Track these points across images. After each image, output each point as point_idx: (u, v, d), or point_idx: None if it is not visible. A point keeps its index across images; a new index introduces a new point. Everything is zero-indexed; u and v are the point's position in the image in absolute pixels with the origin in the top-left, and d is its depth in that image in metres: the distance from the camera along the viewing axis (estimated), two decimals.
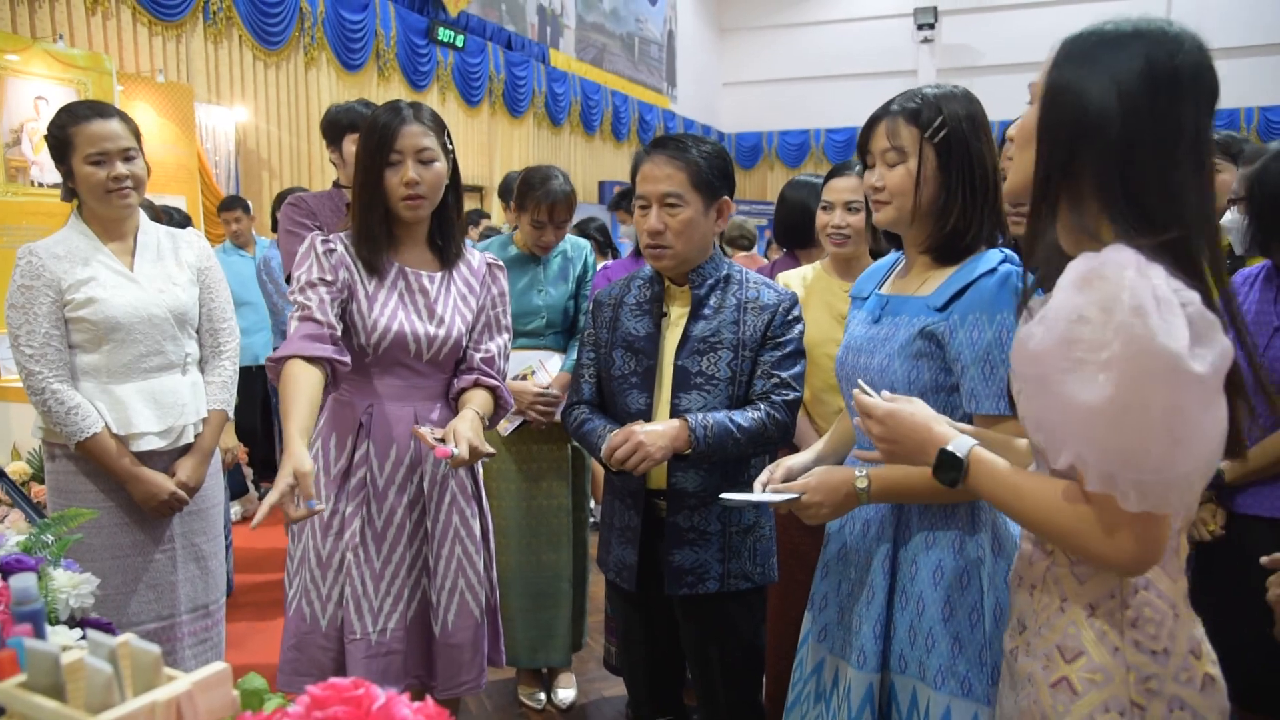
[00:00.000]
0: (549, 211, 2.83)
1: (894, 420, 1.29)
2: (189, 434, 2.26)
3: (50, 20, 5.00)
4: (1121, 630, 1.12)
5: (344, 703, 0.76)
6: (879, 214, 1.62)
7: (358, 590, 1.91)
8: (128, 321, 2.16)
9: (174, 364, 2.25)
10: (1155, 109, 1.08)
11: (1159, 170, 1.08)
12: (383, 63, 7.70)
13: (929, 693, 1.53)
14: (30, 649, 0.83)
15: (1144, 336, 0.97)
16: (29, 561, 1.43)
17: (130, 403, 2.18)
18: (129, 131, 2.20)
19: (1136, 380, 0.97)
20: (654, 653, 2.14)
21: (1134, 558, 1.05)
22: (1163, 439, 0.98)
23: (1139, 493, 1.00)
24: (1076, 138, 1.11)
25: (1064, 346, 1.03)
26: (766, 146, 14.50)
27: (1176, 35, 1.11)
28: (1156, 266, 1.02)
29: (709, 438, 1.86)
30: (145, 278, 2.22)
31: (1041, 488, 1.12)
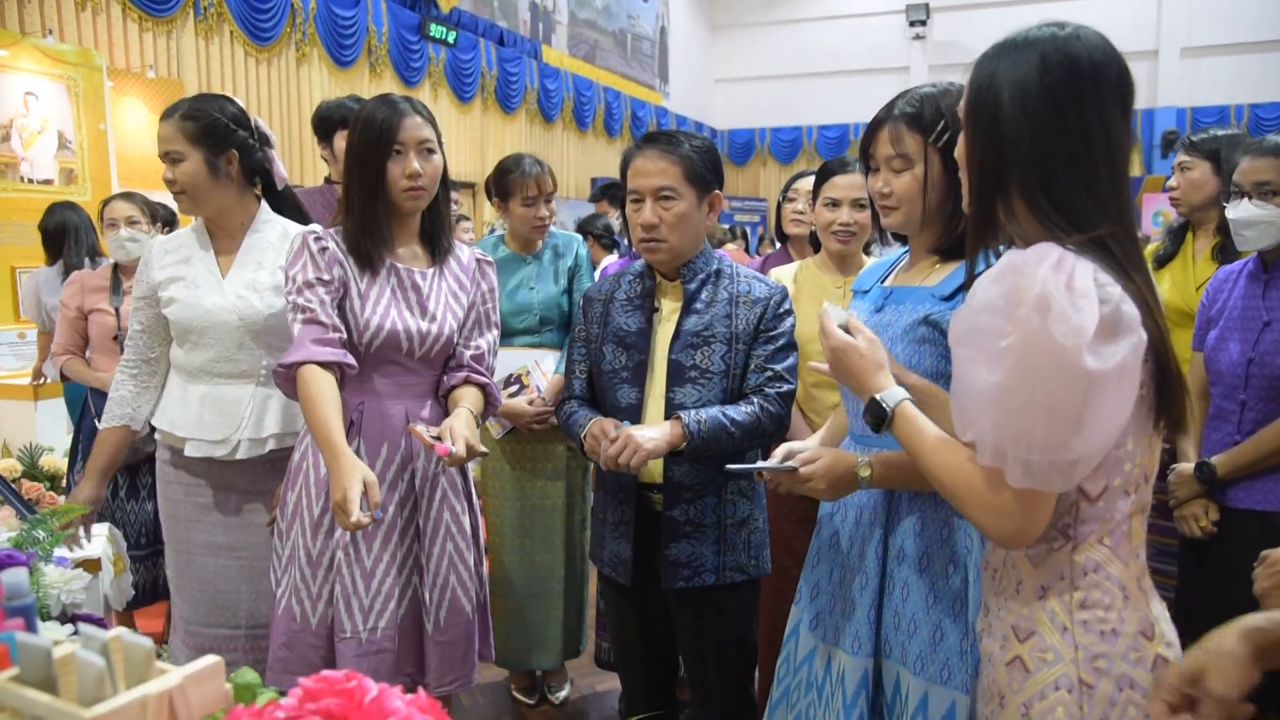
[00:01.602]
0: (536, 184, 2.87)
1: (844, 356, 1.39)
2: (246, 448, 2.10)
3: (39, 15, 4.97)
4: (1071, 611, 1.17)
5: (336, 695, 0.76)
6: (888, 219, 1.63)
7: (348, 588, 1.91)
8: (199, 325, 2.10)
9: (246, 374, 2.13)
10: (1060, 113, 1.13)
11: (1079, 173, 1.14)
12: (374, 59, 7.68)
13: (909, 678, 1.55)
14: (22, 643, 0.83)
15: (1040, 330, 1.05)
16: (20, 557, 1.42)
17: (195, 406, 2.12)
18: (179, 131, 2.08)
19: (1027, 370, 1.06)
20: (648, 647, 2.15)
21: (1014, 530, 1.14)
22: (1050, 424, 1.06)
23: (1024, 470, 1.08)
24: (997, 158, 1.17)
25: (973, 333, 1.12)
26: (759, 143, 14.51)
27: (1069, 37, 1.15)
28: (1084, 261, 1.08)
29: (703, 432, 1.87)
30: (231, 283, 2.14)
31: (947, 452, 1.21)
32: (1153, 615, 1.19)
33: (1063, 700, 1.15)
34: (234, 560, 2.17)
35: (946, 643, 1.52)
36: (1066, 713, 1.15)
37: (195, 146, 2.07)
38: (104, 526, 2.44)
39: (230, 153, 2.11)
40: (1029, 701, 1.18)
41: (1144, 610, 1.18)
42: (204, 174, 2.09)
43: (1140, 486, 1.18)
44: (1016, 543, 1.16)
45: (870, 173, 1.65)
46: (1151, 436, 1.17)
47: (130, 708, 0.78)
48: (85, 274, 3.22)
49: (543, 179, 2.89)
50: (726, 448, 1.90)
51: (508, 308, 2.85)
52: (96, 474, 2.17)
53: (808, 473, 1.57)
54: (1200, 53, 12.40)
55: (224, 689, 0.87)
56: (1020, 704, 1.18)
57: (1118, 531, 1.17)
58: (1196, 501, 2.21)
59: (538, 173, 2.88)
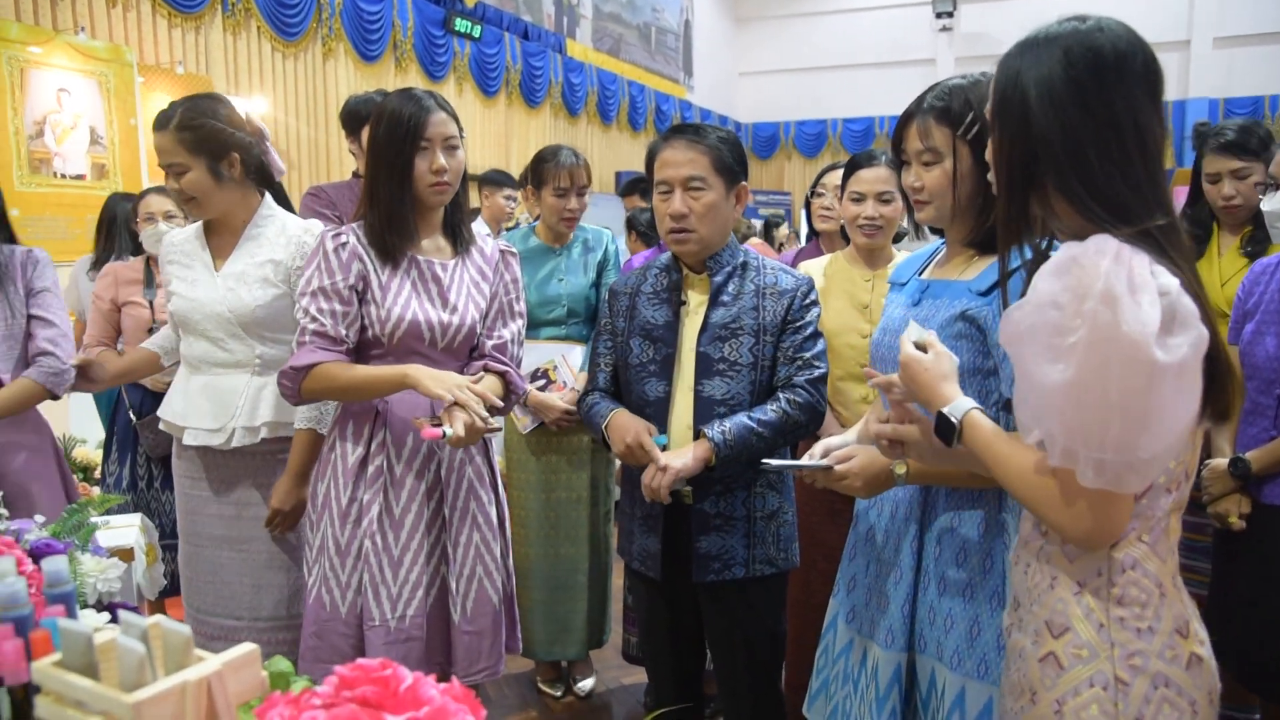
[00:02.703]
0: (569, 176, 2.88)
1: (908, 371, 1.37)
2: (239, 436, 2.13)
3: (72, 13, 5.03)
4: (1108, 607, 1.16)
5: (372, 683, 0.77)
6: (920, 213, 1.63)
7: (376, 577, 1.93)
8: (193, 317, 2.16)
9: (241, 364, 2.17)
10: (1087, 105, 1.13)
11: (1113, 163, 1.13)
12: (400, 53, 7.71)
13: (946, 673, 1.54)
14: (64, 629, 0.85)
15: (1110, 324, 1.03)
16: (58, 546, 1.44)
17: (194, 395, 2.18)
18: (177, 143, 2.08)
19: (1099, 365, 1.03)
20: (676, 640, 2.15)
21: (1089, 532, 1.12)
22: (1123, 422, 1.03)
23: (1097, 471, 1.06)
24: (1028, 156, 1.16)
25: (1038, 329, 1.09)
26: (783, 137, 14.44)
27: (1091, 29, 1.15)
28: (1140, 254, 1.07)
29: (730, 442, 1.89)
30: (225, 275, 2.18)
31: (1019, 456, 1.19)
32: (1188, 613, 1.18)
33: (1097, 697, 1.14)
34: (235, 552, 2.19)
35: (983, 638, 1.51)
36: (1101, 710, 1.14)
37: (196, 156, 2.08)
38: (136, 516, 2.48)
39: (231, 155, 2.12)
40: (1062, 698, 1.17)
41: (1179, 607, 1.17)
42: (209, 181, 2.10)
43: (1181, 484, 1.17)
44: (1096, 545, 1.14)
45: (902, 167, 1.65)
46: (1195, 433, 1.16)
47: (170, 694, 0.80)
48: (119, 266, 3.26)
49: (576, 171, 2.90)
50: (759, 450, 1.90)
51: (536, 299, 2.86)
52: None
53: (843, 470, 1.57)
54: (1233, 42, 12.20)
55: (260, 676, 0.88)
56: (1053, 700, 1.17)
57: (1157, 528, 1.16)
58: (1230, 497, 2.18)
59: (572, 164, 2.89)
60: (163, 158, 2.09)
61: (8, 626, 0.92)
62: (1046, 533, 1.23)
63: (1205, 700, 1.16)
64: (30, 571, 1.22)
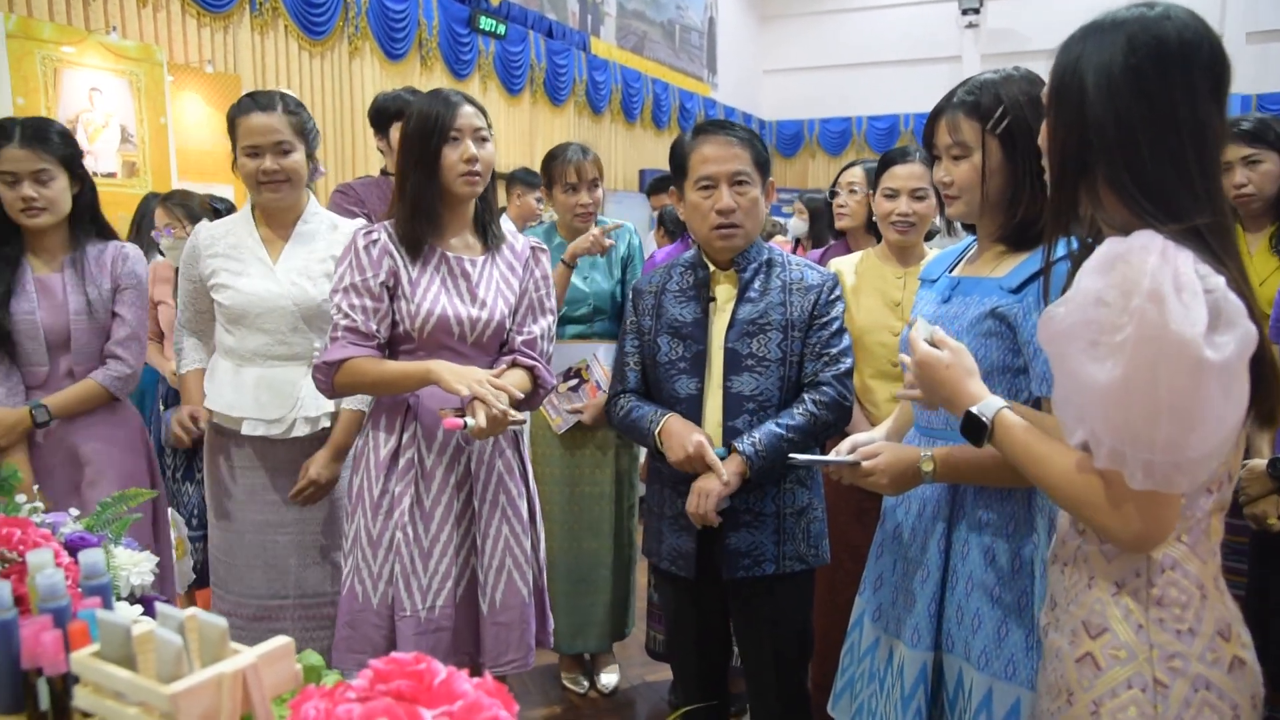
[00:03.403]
0: (576, 171, 2.89)
1: (927, 370, 1.33)
2: (299, 427, 2.24)
3: (103, 13, 5.08)
4: (1146, 608, 1.14)
5: (406, 677, 0.77)
6: (950, 208, 1.63)
7: (406, 568, 1.95)
8: (253, 310, 2.21)
9: (299, 356, 2.25)
10: (1145, 95, 1.10)
11: (1166, 157, 1.10)
12: (425, 52, 7.73)
13: (973, 673, 1.53)
14: (103, 620, 0.86)
15: (1158, 322, 1.00)
16: (92, 539, 1.46)
17: (248, 387, 2.23)
18: (289, 125, 2.20)
19: (1148, 364, 1.01)
20: (703, 639, 2.15)
21: (1138, 535, 1.09)
22: (1172, 422, 1.01)
23: (1145, 472, 1.04)
24: (1081, 143, 1.14)
25: (1082, 327, 1.07)
26: (808, 134, 14.36)
27: (1158, 17, 1.11)
28: (1184, 251, 1.04)
29: (762, 453, 1.90)
30: (283, 269, 2.25)
31: (1059, 457, 1.16)
32: (1230, 615, 1.16)
33: (1136, 699, 1.12)
34: (284, 535, 2.28)
35: (1011, 638, 1.50)
36: (1139, 712, 1.12)
37: (299, 140, 2.21)
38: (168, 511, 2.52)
39: (314, 149, 2.28)
40: (1099, 699, 1.15)
41: (1221, 610, 1.15)
42: (304, 166, 2.24)
43: (1223, 484, 1.15)
44: (1145, 547, 1.12)
45: (934, 162, 1.64)
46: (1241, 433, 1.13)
47: (206, 685, 0.80)
48: (156, 264, 3.31)
49: (583, 166, 2.90)
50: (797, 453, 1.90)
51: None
52: None
53: (870, 466, 1.56)
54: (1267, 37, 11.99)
55: (294, 669, 0.89)
56: (1090, 701, 1.16)
57: (1197, 529, 1.14)
58: (1268, 498, 2.15)
59: (578, 160, 2.90)
60: (268, 135, 2.18)
61: (46, 618, 0.93)
62: (1084, 532, 1.21)
63: (1248, 704, 1.14)
64: (67, 564, 1.23)
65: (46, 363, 2.27)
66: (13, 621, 0.96)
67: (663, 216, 4.49)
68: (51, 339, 2.26)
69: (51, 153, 2.21)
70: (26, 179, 2.18)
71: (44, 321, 2.24)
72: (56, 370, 2.29)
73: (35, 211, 2.20)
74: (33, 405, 2.22)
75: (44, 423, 2.23)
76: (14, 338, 2.21)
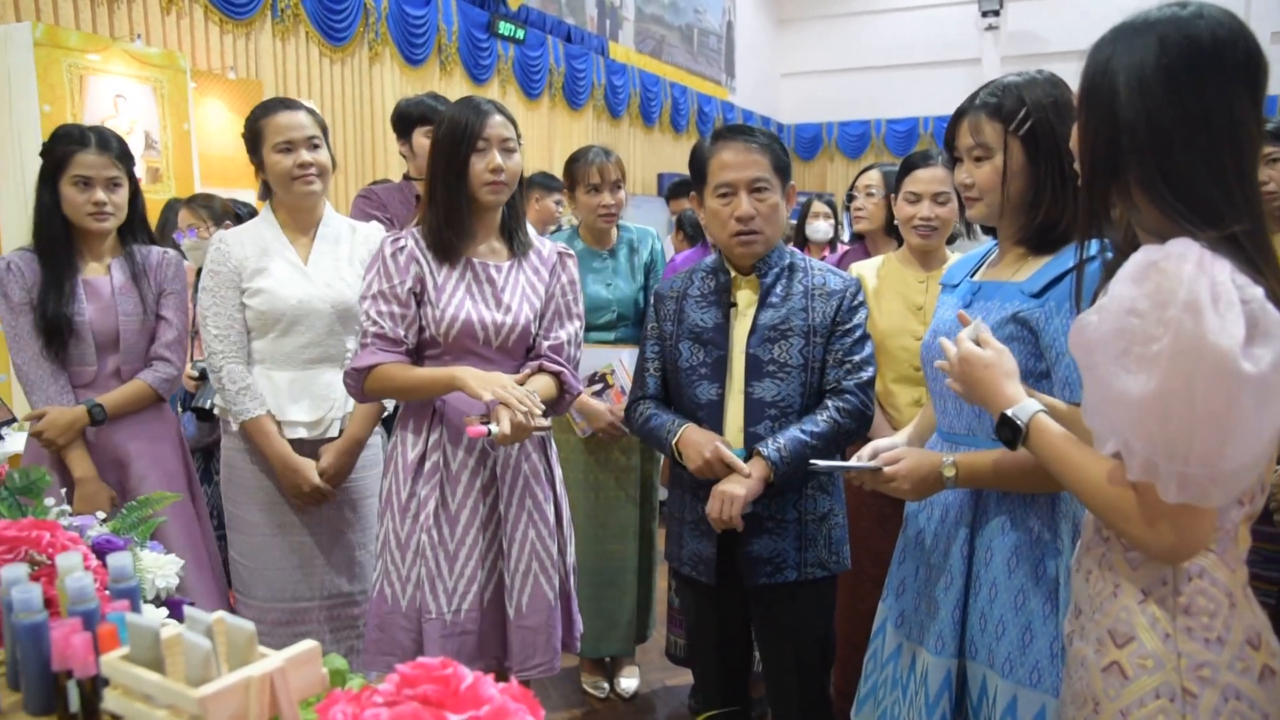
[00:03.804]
0: (599, 172, 2.91)
1: (968, 366, 1.33)
2: (335, 427, 2.30)
3: (128, 20, 5.14)
4: (1174, 617, 1.12)
5: (433, 682, 0.77)
6: (971, 210, 1.62)
7: (433, 571, 1.97)
8: (291, 313, 2.24)
9: (333, 358, 2.30)
10: (1178, 95, 1.07)
11: (1199, 158, 1.07)
12: (444, 57, 7.77)
13: (997, 680, 1.52)
14: (132, 624, 0.86)
15: (1194, 333, 0.98)
16: (118, 542, 1.47)
17: (286, 391, 2.26)
18: (314, 123, 2.29)
19: (1184, 376, 0.99)
20: (724, 644, 2.14)
21: (1171, 547, 1.08)
22: (1208, 435, 0.99)
23: (1179, 485, 1.02)
24: (1112, 145, 1.12)
25: (1116, 337, 1.05)
26: (826, 138, 14.33)
27: (1191, 16, 1.09)
28: (1221, 260, 1.02)
29: (786, 458, 1.89)
30: (316, 271, 2.29)
31: (1092, 465, 1.14)
32: (1259, 623, 1.14)
33: (1164, 709, 1.11)
34: (309, 536, 2.30)
35: (1036, 645, 1.49)
36: None
37: (324, 138, 2.29)
38: None
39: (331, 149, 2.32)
40: (1127, 709, 1.14)
41: (1250, 618, 1.13)
42: (330, 162, 2.30)
43: (1255, 496, 1.13)
44: (1178, 559, 1.10)
45: (955, 165, 1.63)
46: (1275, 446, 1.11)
47: (235, 689, 0.81)
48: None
49: (605, 167, 2.92)
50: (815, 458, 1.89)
51: (585, 304, 2.86)
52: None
53: (891, 472, 1.56)
54: None
55: (321, 673, 0.89)
56: (1117, 711, 1.14)
57: (1225, 538, 1.13)
58: None
59: (600, 161, 2.93)
60: (300, 131, 2.25)
61: (76, 620, 0.94)
62: (1109, 538, 1.20)
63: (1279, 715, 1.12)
64: (94, 567, 1.25)
65: (95, 363, 2.34)
66: (43, 624, 0.97)
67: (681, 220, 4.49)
68: (100, 340, 2.32)
69: (120, 160, 2.32)
70: (100, 184, 2.27)
71: (94, 323, 2.31)
72: (104, 370, 2.35)
73: (104, 216, 2.29)
74: (89, 404, 2.29)
75: (100, 420, 2.30)
76: (64, 338, 2.27)
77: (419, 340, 2.00)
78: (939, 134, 13.22)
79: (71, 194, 2.27)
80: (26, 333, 2.27)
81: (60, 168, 2.26)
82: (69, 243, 2.32)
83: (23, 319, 2.27)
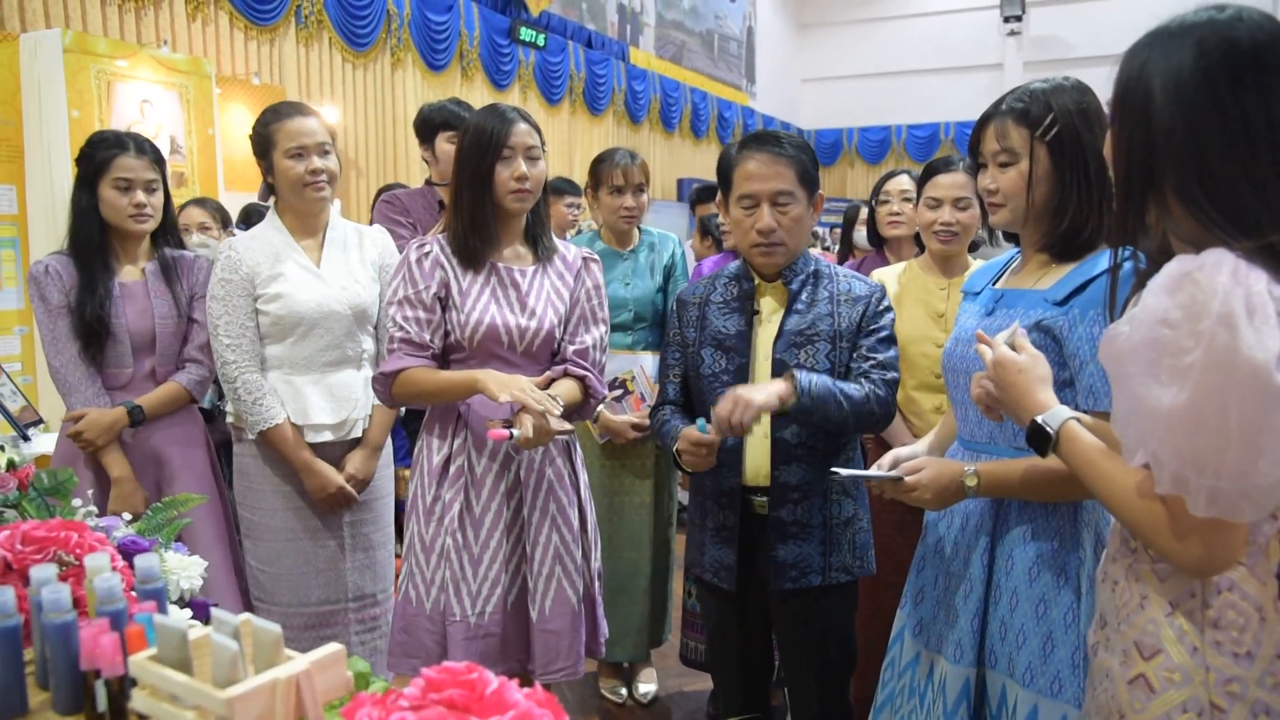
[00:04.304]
0: (624, 174, 2.92)
1: (1002, 370, 1.30)
2: (358, 428, 2.33)
3: (155, 27, 5.20)
4: (1202, 630, 1.10)
5: (458, 686, 0.77)
6: (995, 216, 1.60)
7: (456, 574, 1.98)
8: (310, 317, 2.26)
9: (350, 359, 2.33)
10: (1215, 100, 1.05)
11: (1238, 165, 1.05)
12: (466, 63, 7.81)
13: (1017, 690, 1.51)
14: (160, 625, 0.87)
15: (1228, 346, 0.96)
16: (144, 543, 1.48)
17: (308, 395, 2.27)
18: (324, 129, 2.32)
19: (1216, 389, 0.97)
20: (745, 650, 2.13)
21: (1201, 561, 1.06)
22: (1240, 448, 0.97)
23: (1210, 499, 1.00)
24: (1147, 152, 1.09)
25: (1147, 348, 1.03)
26: (846, 143, 14.31)
27: (1230, 19, 1.07)
28: (1258, 271, 0.99)
29: (813, 392, 1.82)
30: (330, 274, 2.31)
31: (1121, 476, 1.13)
32: None
33: None
34: (330, 539, 2.32)
35: (1057, 654, 1.48)
36: None
37: (333, 145, 2.31)
38: None
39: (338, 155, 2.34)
40: None
41: None
42: (338, 168, 2.33)
43: None
44: (1206, 574, 1.08)
45: (979, 170, 1.62)
46: None
47: (261, 691, 0.81)
48: None
49: (630, 170, 2.94)
50: (834, 418, 1.85)
51: None
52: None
53: (913, 481, 1.55)
54: None
55: (346, 676, 0.89)
56: None
57: (1257, 551, 1.10)
58: None
59: (626, 163, 2.94)
60: (314, 136, 2.28)
61: (104, 620, 0.95)
62: (1137, 549, 1.18)
63: None
64: (120, 568, 1.26)
65: (131, 364, 2.38)
66: (72, 623, 0.98)
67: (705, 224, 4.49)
68: (137, 342, 2.37)
69: (157, 164, 2.37)
70: (140, 186, 2.32)
71: (130, 325, 2.35)
72: (140, 371, 2.39)
73: (144, 218, 2.35)
74: (129, 405, 2.33)
75: (139, 422, 2.35)
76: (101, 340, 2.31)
77: (445, 345, 2.01)
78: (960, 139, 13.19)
79: (113, 197, 2.31)
80: (65, 335, 2.30)
81: (101, 172, 2.31)
82: (105, 246, 2.35)
83: (61, 322, 2.30)
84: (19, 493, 1.63)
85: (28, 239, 4.12)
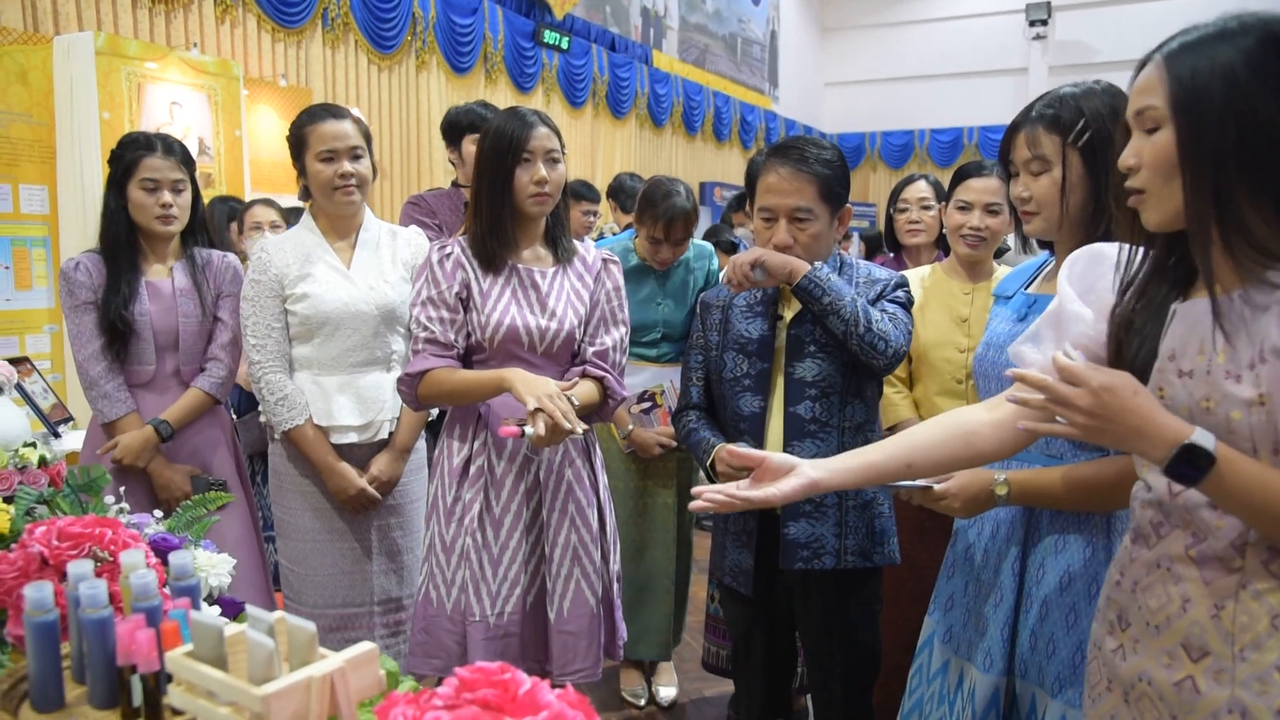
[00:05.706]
0: (665, 229, 2.78)
1: (1111, 396, 1.07)
2: (385, 430, 2.33)
3: (184, 29, 5.26)
4: None
5: (492, 686, 0.78)
6: (1029, 225, 1.59)
7: (476, 574, 1.99)
8: (337, 317, 2.27)
9: (379, 360, 2.33)
10: None
11: None
12: (490, 65, 7.84)
13: (1047, 700, 1.49)
14: (196, 622, 0.88)
15: None
16: (174, 541, 1.50)
17: (334, 396, 2.28)
18: (359, 133, 2.32)
19: None
20: (768, 655, 2.13)
21: None
22: None
23: None
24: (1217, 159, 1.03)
25: None
26: (869, 147, 14.25)
27: None
28: None
29: (823, 278, 1.86)
30: (360, 275, 2.32)
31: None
32: None
33: None
34: (358, 542, 2.32)
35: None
36: None
37: (367, 147, 2.31)
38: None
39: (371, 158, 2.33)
40: None
41: None
42: (371, 172, 2.33)
43: None
44: None
45: (1010, 179, 1.61)
46: None
47: (296, 688, 0.82)
48: None
49: (674, 226, 2.76)
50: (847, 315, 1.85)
51: (634, 321, 2.84)
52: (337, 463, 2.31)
53: (942, 490, 1.54)
54: None
55: (379, 675, 0.90)
56: None
57: None
58: None
59: (671, 219, 2.75)
60: (343, 140, 2.27)
61: (139, 616, 0.96)
62: (1243, 568, 1.09)
63: None
64: (153, 564, 1.27)
65: (154, 362, 2.41)
66: (109, 619, 0.99)
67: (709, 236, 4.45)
68: (161, 340, 2.40)
69: (183, 164, 2.40)
70: (166, 187, 2.36)
71: (155, 322, 2.38)
72: (163, 370, 2.43)
73: (170, 218, 2.38)
74: (155, 423, 2.37)
75: (168, 437, 2.39)
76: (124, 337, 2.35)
77: (466, 346, 2.02)
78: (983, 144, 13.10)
79: (140, 197, 2.35)
80: (89, 330, 2.34)
81: (129, 173, 2.34)
82: (133, 245, 2.39)
83: (86, 317, 2.34)
84: (52, 489, 1.66)
85: (59, 239, 4.18)
